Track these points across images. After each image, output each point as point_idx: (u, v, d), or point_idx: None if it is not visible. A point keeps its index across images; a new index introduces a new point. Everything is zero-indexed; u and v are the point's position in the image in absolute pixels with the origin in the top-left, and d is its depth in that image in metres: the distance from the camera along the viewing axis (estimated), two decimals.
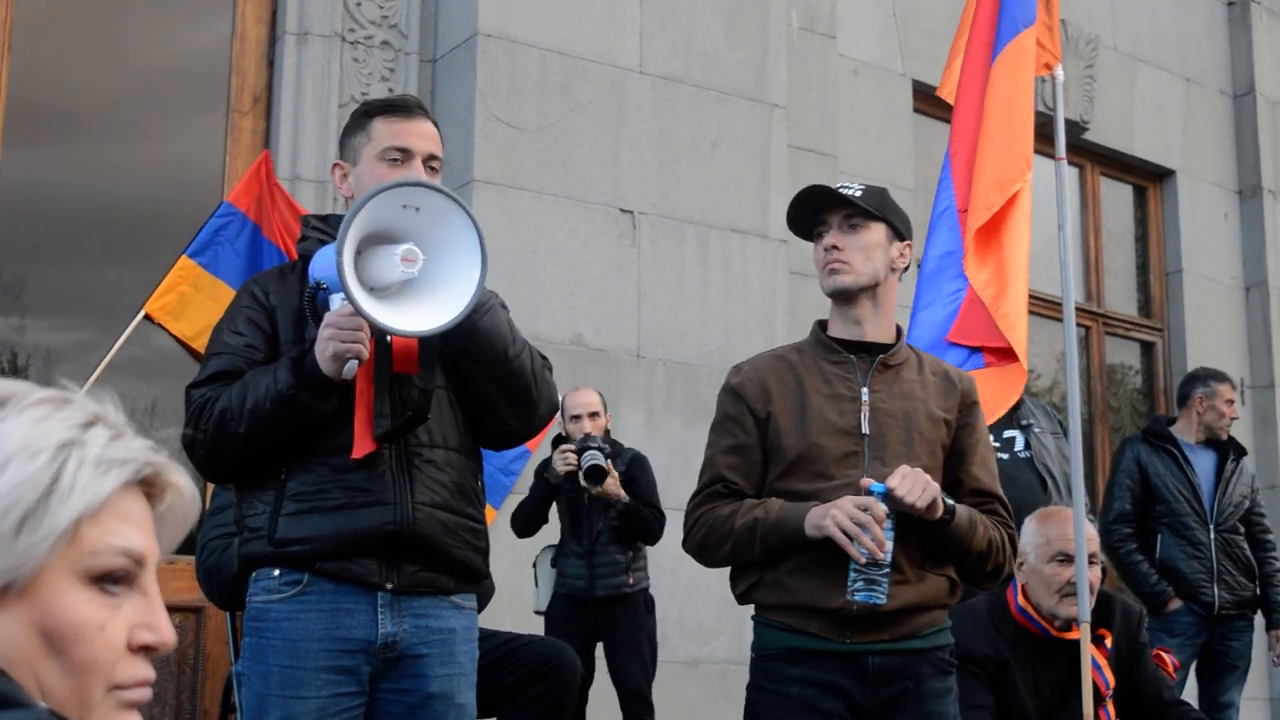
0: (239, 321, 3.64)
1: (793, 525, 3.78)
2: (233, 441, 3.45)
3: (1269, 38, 10.98)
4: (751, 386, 3.99)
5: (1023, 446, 6.47)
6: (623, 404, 6.91)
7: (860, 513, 3.66)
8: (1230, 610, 7.44)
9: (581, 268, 6.96)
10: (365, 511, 3.43)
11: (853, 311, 4.00)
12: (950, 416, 3.99)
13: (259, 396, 3.41)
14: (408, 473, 3.49)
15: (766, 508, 3.84)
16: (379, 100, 3.87)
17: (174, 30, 7.38)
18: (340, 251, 3.19)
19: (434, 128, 3.73)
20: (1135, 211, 10.46)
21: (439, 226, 3.34)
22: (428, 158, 3.64)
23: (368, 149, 3.64)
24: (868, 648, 3.80)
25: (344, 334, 3.32)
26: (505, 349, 3.58)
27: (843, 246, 3.96)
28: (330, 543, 3.43)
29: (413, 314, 3.34)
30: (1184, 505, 7.47)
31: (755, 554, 3.86)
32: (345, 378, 3.37)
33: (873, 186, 4.08)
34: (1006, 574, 4.12)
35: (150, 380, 6.72)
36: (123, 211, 7.01)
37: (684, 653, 6.86)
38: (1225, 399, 7.72)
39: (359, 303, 3.22)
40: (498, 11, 6.97)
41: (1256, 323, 10.44)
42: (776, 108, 7.73)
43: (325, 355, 3.34)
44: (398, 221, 3.33)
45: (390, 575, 3.47)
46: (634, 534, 6.18)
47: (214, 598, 4.89)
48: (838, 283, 3.97)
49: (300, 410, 3.40)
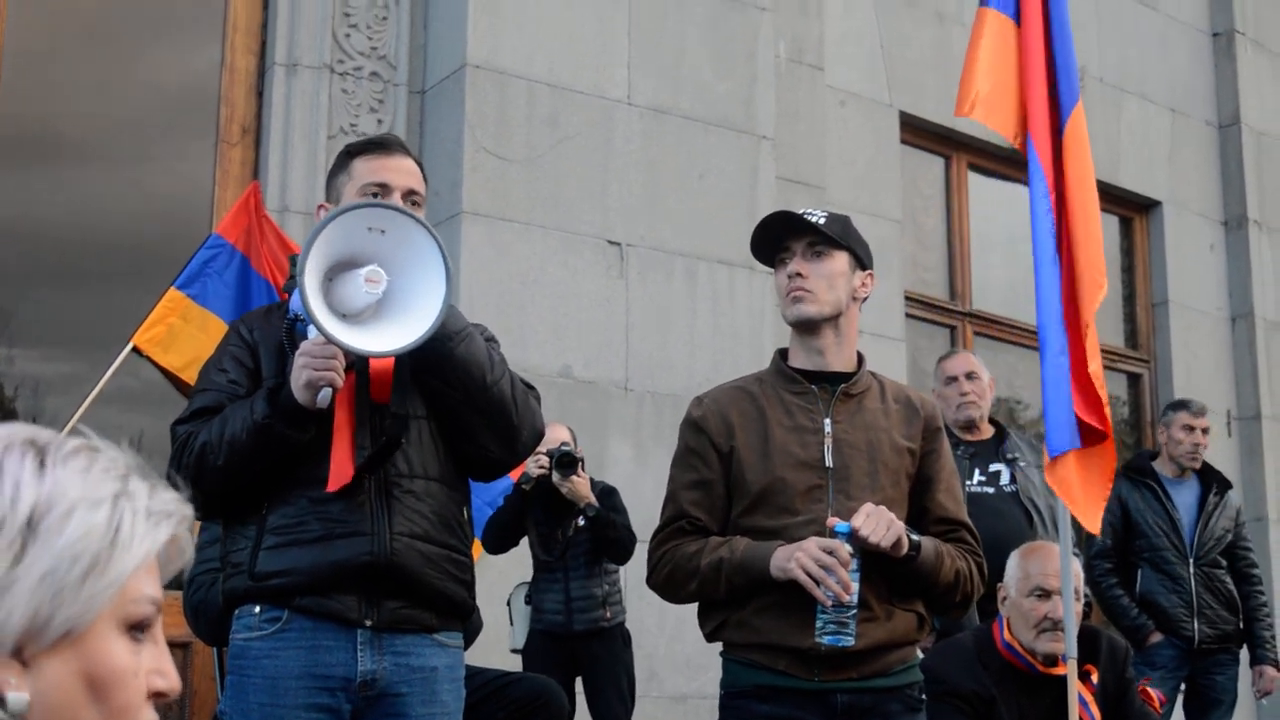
0: (224, 360, 3.68)
1: (758, 566, 3.77)
2: (212, 474, 3.47)
3: (1253, 69, 11.03)
4: (713, 420, 3.97)
5: (1008, 480, 6.48)
6: (611, 436, 6.91)
7: (825, 555, 3.65)
8: (1212, 644, 7.45)
9: (570, 299, 6.97)
10: (343, 543, 3.44)
11: (815, 341, 3.99)
12: (914, 445, 3.98)
13: (236, 428, 3.44)
14: (387, 503, 3.50)
15: (732, 547, 3.82)
16: (360, 141, 3.91)
17: (163, 61, 7.39)
18: (302, 274, 3.21)
19: (415, 164, 3.76)
20: (1121, 242, 10.49)
21: (404, 248, 3.37)
22: (407, 192, 3.67)
23: (349, 187, 3.68)
24: (836, 686, 3.79)
25: (316, 361, 3.35)
26: (483, 375, 3.59)
27: (806, 274, 3.94)
28: (309, 575, 3.44)
29: (382, 336, 3.36)
30: (1164, 540, 7.50)
31: (721, 593, 3.85)
32: (320, 406, 3.39)
33: (836, 214, 4.06)
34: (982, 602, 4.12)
35: (139, 412, 6.71)
36: (111, 242, 7.01)
37: (672, 687, 6.85)
38: (1181, 425, 7.73)
39: (321, 322, 3.24)
40: (486, 43, 6.99)
41: (1243, 354, 10.46)
42: (764, 139, 7.75)
43: (299, 384, 3.37)
44: (364, 246, 3.36)
45: (370, 612, 3.48)
46: (605, 547, 6.11)
47: (201, 633, 4.88)
48: (801, 311, 3.96)
49: (276, 440, 3.42)
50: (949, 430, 6.53)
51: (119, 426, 5.96)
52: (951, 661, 5.01)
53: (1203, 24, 11.01)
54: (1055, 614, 4.93)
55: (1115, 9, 10.42)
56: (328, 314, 3.28)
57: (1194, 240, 10.52)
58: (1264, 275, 10.62)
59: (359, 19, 7.14)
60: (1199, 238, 10.55)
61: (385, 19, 7.20)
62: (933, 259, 9.30)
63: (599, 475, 6.34)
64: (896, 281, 8.56)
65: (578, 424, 6.53)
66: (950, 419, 6.69)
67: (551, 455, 5.89)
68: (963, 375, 6.73)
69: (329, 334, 3.26)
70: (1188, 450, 7.68)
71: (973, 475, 6.47)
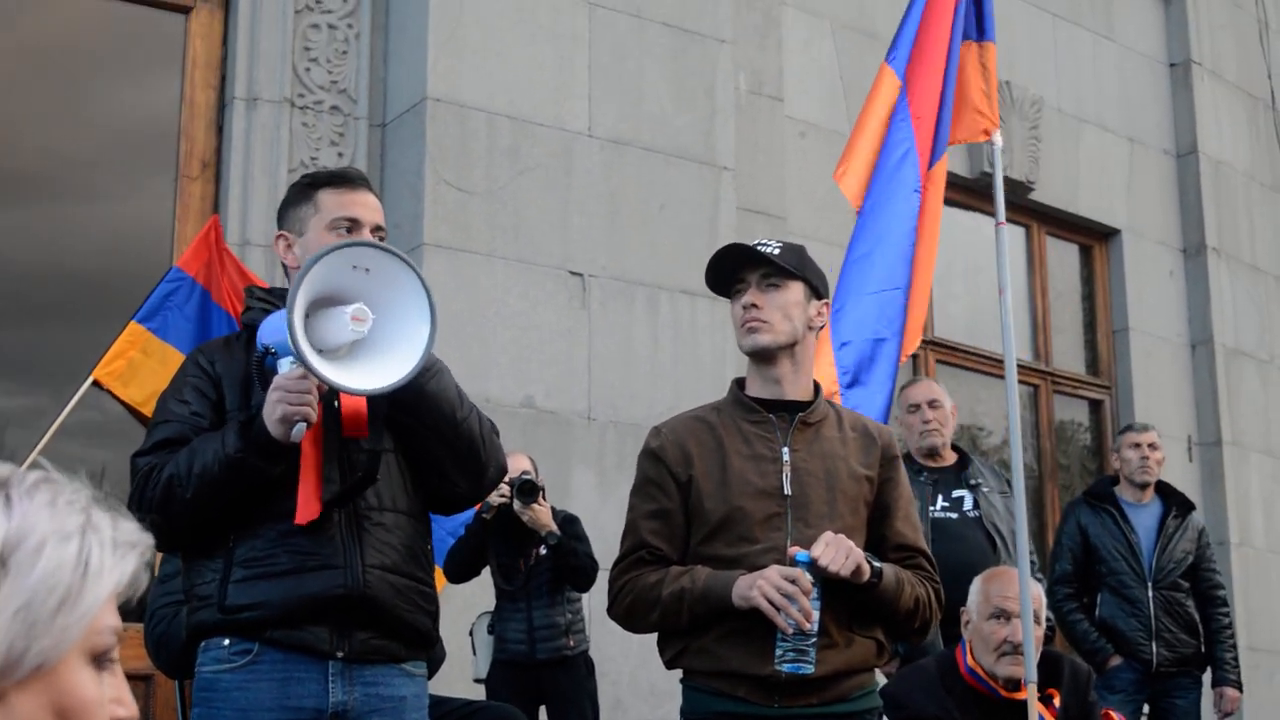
0: (185, 390, 3.66)
1: (719, 595, 3.77)
2: (180, 506, 3.45)
3: (1210, 99, 11.12)
4: (672, 449, 3.98)
5: (971, 506, 6.52)
6: (574, 466, 6.91)
7: (787, 584, 3.67)
8: (1171, 668, 7.50)
9: (531, 330, 6.98)
10: (315, 576, 3.44)
11: (772, 370, 4.00)
12: (872, 473, 4.00)
13: (206, 461, 3.42)
14: (358, 536, 3.50)
15: (693, 577, 3.83)
16: (323, 172, 3.91)
17: (123, 95, 7.38)
18: (291, 310, 3.21)
19: (377, 200, 3.78)
20: (1081, 270, 10.56)
21: (389, 288, 3.37)
22: (374, 228, 3.68)
23: (315, 219, 3.67)
24: (796, 712, 3.80)
25: (292, 396, 3.33)
26: (454, 411, 3.60)
27: (761, 305, 3.96)
28: (280, 608, 3.43)
29: (363, 374, 3.36)
30: (1122, 564, 7.56)
31: (683, 623, 3.86)
32: (293, 440, 3.38)
33: (790, 244, 4.08)
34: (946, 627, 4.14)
35: (102, 445, 6.69)
36: (72, 276, 6.99)
37: (636, 714, 6.84)
38: (1129, 445, 7.81)
39: (310, 361, 3.23)
40: (446, 76, 7.00)
41: (1203, 379, 10.53)
42: (725, 170, 7.78)
43: (273, 418, 3.35)
44: (348, 283, 3.35)
45: (341, 643, 3.47)
46: (568, 575, 6.11)
47: (162, 665, 4.86)
48: (756, 342, 3.97)
49: (248, 474, 3.41)
50: (912, 458, 6.57)
51: (80, 460, 5.94)
52: (915, 687, 5.03)
53: (1160, 54, 11.10)
54: (1015, 637, 4.95)
55: (1072, 40, 10.51)
56: (312, 351, 3.28)
57: (1153, 267, 10.59)
58: (1223, 302, 10.70)
59: (319, 53, 7.15)
60: (1158, 265, 10.63)
61: (345, 53, 7.21)
62: None
63: (562, 505, 6.35)
64: None
65: (541, 454, 6.53)
66: (913, 446, 6.73)
67: (512, 484, 5.88)
68: (925, 403, 6.77)
69: (318, 372, 3.25)
70: (1138, 466, 7.74)
71: (936, 501, 6.50)
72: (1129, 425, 8.22)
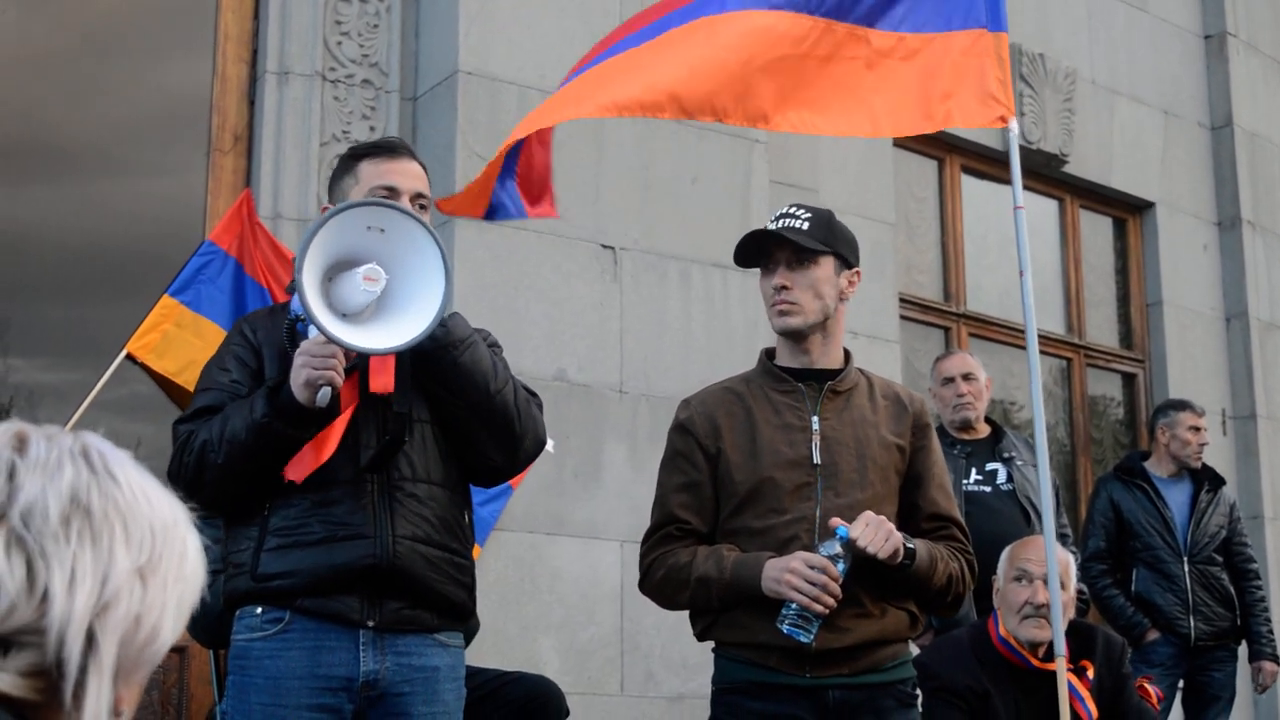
0: (227, 359, 3.70)
1: (748, 583, 3.76)
2: (212, 472, 3.48)
3: (1245, 70, 11.04)
4: (700, 422, 3.97)
5: (1005, 479, 6.50)
6: (607, 439, 6.91)
7: (816, 574, 3.66)
8: (1208, 641, 7.47)
9: (564, 304, 6.97)
10: (345, 545, 3.45)
11: (802, 345, 3.99)
12: (903, 441, 3.98)
13: (236, 427, 3.45)
14: (389, 506, 3.51)
15: (720, 565, 3.81)
16: (366, 144, 3.93)
17: (155, 70, 7.39)
18: (299, 271, 3.22)
19: (420, 168, 3.78)
20: (1115, 243, 10.49)
21: (403, 247, 3.38)
22: (415, 195, 3.69)
23: (355, 190, 3.69)
24: (828, 682, 3.79)
25: (316, 360, 3.35)
26: (487, 384, 3.60)
27: (791, 285, 3.94)
28: (311, 577, 3.45)
29: (381, 335, 3.37)
30: (1157, 539, 7.53)
31: (713, 604, 3.87)
32: (319, 405, 3.39)
33: (819, 214, 4.02)
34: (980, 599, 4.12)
35: (136, 419, 6.71)
36: (105, 250, 7.01)
37: (669, 688, 6.84)
38: (1187, 426, 7.76)
39: (319, 319, 3.24)
40: (478, 49, 6.99)
41: (1237, 353, 10.46)
42: (757, 143, 7.76)
43: (298, 382, 3.38)
44: (364, 245, 3.37)
45: (372, 613, 3.49)
46: None
47: (198, 635, 4.88)
48: (788, 324, 3.95)
49: (276, 439, 3.43)
50: (945, 430, 6.55)
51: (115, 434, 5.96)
52: (946, 657, 5.02)
53: (1195, 26, 11.02)
54: (1035, 599, 4.92)
55: (1107, 12, 10.43)
56: (326, 312, 3.29)
57: (1188, 241, 10.53)
58: (1258, 275, 10.63)
59: (350, 27, 7.15)
60: (1193, 238, 10.56)
61: (377, 26, 7.20)
62: (926, 261, 9.30)
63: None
64: (890, 284, 8.56)
65: (573, 428, 6.54)
66: (947, 419, 6.71)
67: None
68: (959, 376, 6.75)
69: (326, 330, 3.27)
70: (1195, 450, 7.71)
71: (969, 474, 6.49)
72: (1186, 403, 8.06)
